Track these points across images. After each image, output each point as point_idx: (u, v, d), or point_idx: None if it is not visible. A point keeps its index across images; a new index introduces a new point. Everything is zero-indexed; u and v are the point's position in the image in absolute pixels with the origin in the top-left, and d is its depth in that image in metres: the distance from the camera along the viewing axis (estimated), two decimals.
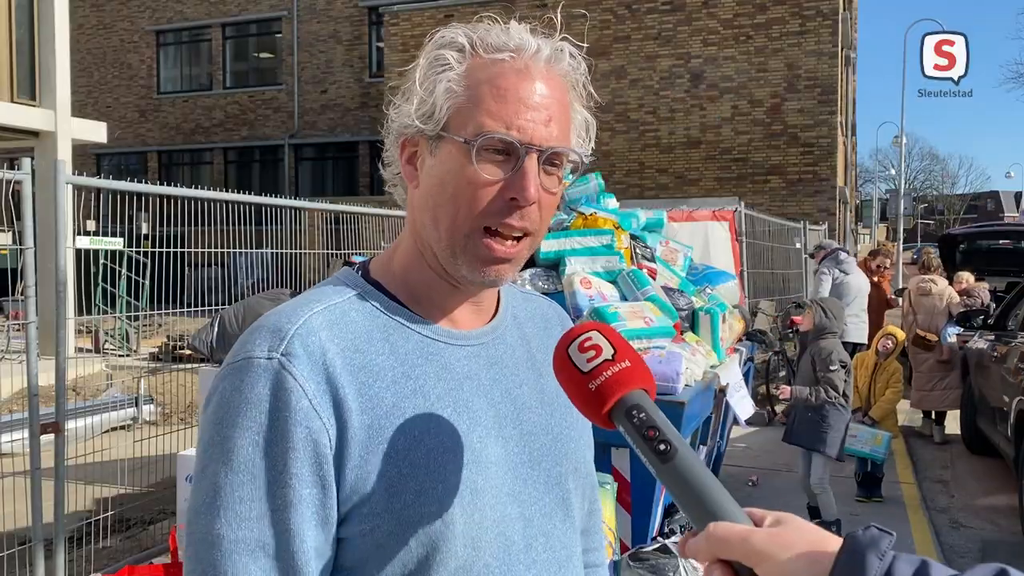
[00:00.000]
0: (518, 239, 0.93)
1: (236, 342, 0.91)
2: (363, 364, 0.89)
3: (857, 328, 7.96)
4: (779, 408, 8.25)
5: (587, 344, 0.83)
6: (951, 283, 8.59)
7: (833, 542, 0.68)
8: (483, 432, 0.94)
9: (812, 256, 9.57)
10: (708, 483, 0.75)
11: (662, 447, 0.76)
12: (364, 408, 0.87)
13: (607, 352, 0.82)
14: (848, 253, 8.68)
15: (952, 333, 7.79)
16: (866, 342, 7.97)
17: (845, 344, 6.32)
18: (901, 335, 6.44)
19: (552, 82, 0.92)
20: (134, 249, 7.47)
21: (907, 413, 8.55)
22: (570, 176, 0.95)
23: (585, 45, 1.00)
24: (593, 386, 0.81)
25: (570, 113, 0.95)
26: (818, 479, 5.09)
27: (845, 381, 5.09)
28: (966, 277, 8.89)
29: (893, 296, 9.87)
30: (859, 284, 8.19)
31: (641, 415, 0.78)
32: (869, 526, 0.67)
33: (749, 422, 6.30)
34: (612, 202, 5.04)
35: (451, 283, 0.97)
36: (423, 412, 0.90)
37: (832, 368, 5.00)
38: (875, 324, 8.46)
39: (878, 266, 9.32)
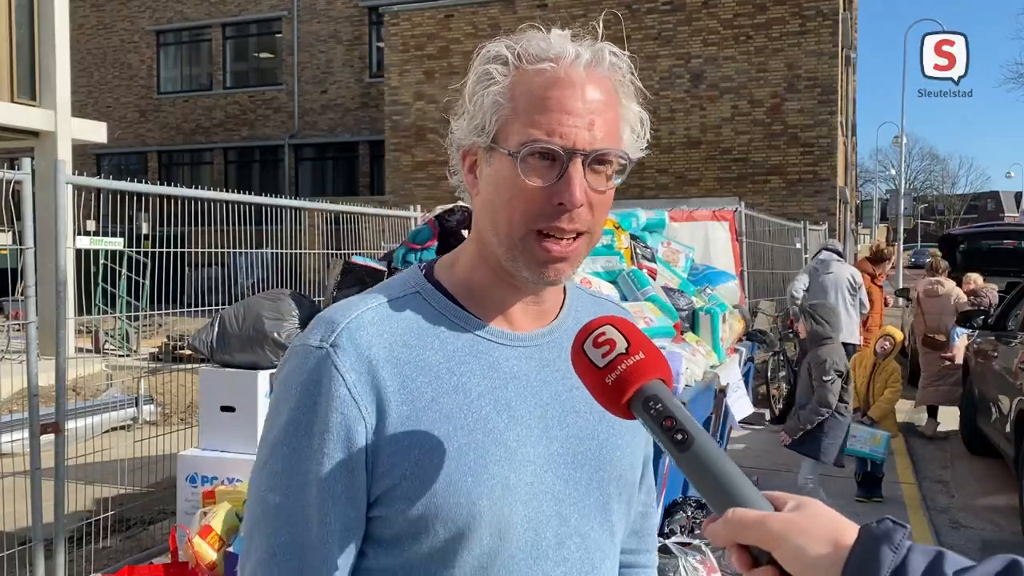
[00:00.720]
0: (573, 238, 0.96)
1: (306, 327, 1.00)
2: (409, 359, 0.95)
3: (847, 327, 7.73)
4: (779, 409, 8.26)
5: (601, 339, 0.85)
6: (959, 284, 8.69)
7: (850, 531, 0.69)
8: (523, 431, 0.98)
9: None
10: (727, 469, 0.76)
11: (679, 436, 0.78)
12: (404, 400, 0.93)
13: (621, 345, 0.84)
14: (836, 253, 8.50)
15: (961, 333, 7.88)
16: (855, 342, 7.95)
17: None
18: (899, 336, 6.44)
19: (594, 85, 0.96)
20: (134, 249, 7.47)
21: (907, 412, 8.56)
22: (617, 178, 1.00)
23: (626, 53, 1.04)
24: (610, 380, 0.82)
25: (619, 111, 0.99)
26: (804, 479, 5.14)
27: (844, 388, 5.09)
28: (974, 278, 9.00)
29: (891, 295, 9.95)
30: (836, 280, 8.01)
31: (658, 406, 0.80)
32: (884, 518, 0.68)
33: (749, 422, 6.31)
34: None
35: (512, 284, 1.01)
36: (461, 407, 0.95)
37: (826, 379, 5.00)
38: (875, 324, 8.51)
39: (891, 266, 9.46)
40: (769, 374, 8.47)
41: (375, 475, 0.93)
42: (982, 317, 7.41)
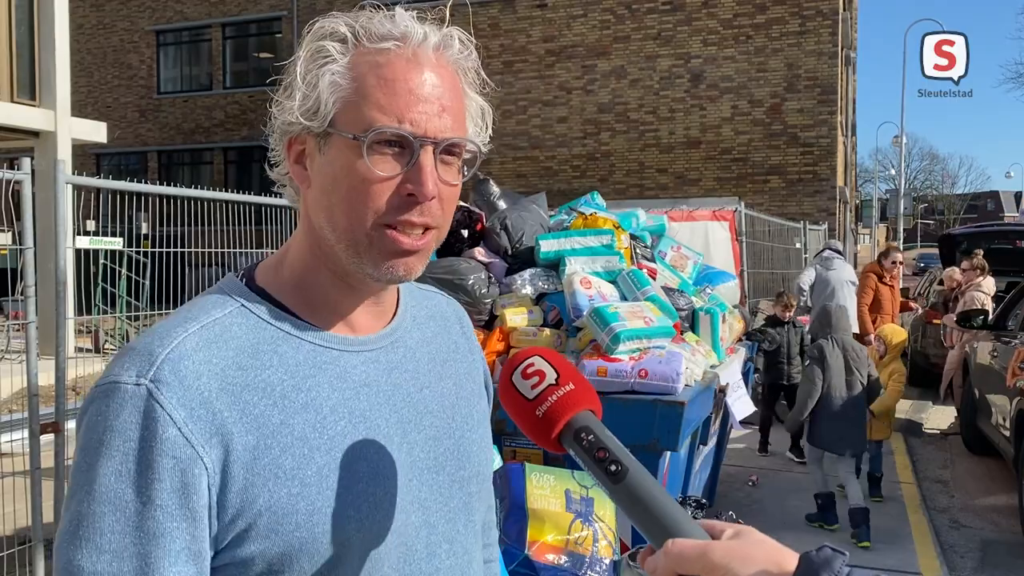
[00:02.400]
0: (422, 232, 0.89)
1: (111, 360, 0.87)
2: (247, 382, 0.84)
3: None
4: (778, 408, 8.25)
5: (530, 370, 0.82)
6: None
7: (791, 559, 0.69)
8: (382, 441, 0.91)
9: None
10: (661, 500, 0.74)
11: (613, 467, 0.76)
12: (248, 429, 0.82)
13: (551, 377, 0.81)
14: (838, 252, 8.97)
15: None
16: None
17: (776, 322, 6.84)
18: (896, 337, 6.32)
19: (443, 70, 0.88)
20: (134, 249, 7.47)
21: (907, 412, 8.56)
22: (465, 170, 0.92)
23: (473, 41, 0.94)
24: (540, 412, 0.80)
25: (464, 101, 0.91)
26: (844, 475, 5.20)
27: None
28: (955, 273, 9.27)
29: (915, 301, 10.17)
30: (836, 279, 8.51)
31: (590, 437, 0.78)
32: (823, 546, 0.68)
33: (749, 422, 6.30)
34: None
35: (350, 284, 0.93)
36: (315, 427, 0.86)
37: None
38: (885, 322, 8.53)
39: (892, 262, 9.12)
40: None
41: (224, 519, 0.81)
42: (982, 317, 7.41)
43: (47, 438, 3.89)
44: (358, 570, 0.87)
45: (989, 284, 8.51)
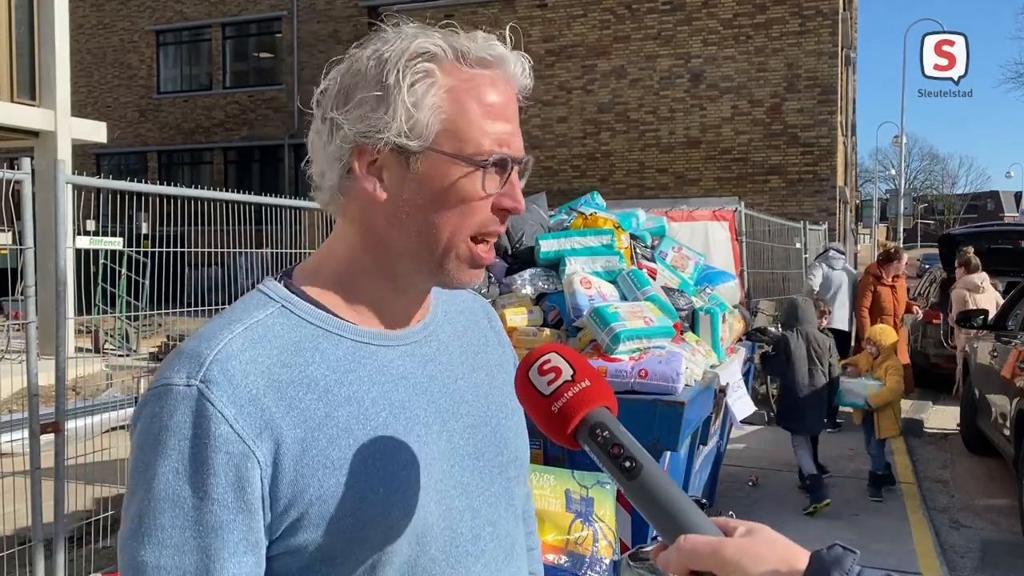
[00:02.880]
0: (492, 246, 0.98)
1: (161, 365, 0.90)
2: (292, 378, 0.88)
3: (839, 316, 8.69)
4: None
5: (546, 367, 0.84)
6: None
7: (802, 557, 0.69)
8: (423, 430, 0.95)
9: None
10: (676, 496, 0.76)
11: (628, 464, 0.77)
12: (296, 423, 0.86)
13: (567, 373, 0.83)
14: (841, 252, 9.37)
15: None
16: (845, 328, 8.78)
17: (831, 330, 6.89)
18: (887, 337, 6.26)
19: (514, 93, 0.97)
20: (134, 249, 7.47)
21: (907, 411, 8.56)
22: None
23: (529, 61, 1.01)
24: (556, 408, 0.82)
25: None
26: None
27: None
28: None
29: (917, 304, 10.20)
30: (840, 278, 8.96)
31: (605, 433, 0.79)
32: (834, 545, 0.69)
33: (749, 422, 6.31)
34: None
35: (401, 288, 0.99)
36: (358, 418, 0.91)
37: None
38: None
39: (894, 273, 8.94)
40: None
41: (276, 510, 0.85)
42: (982, 317, 7.41)
43: (47, 438, 3.89)
44: (407, 554, 0.91)
45: (973, 280, 8.51)
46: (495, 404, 1.07)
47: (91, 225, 8.46)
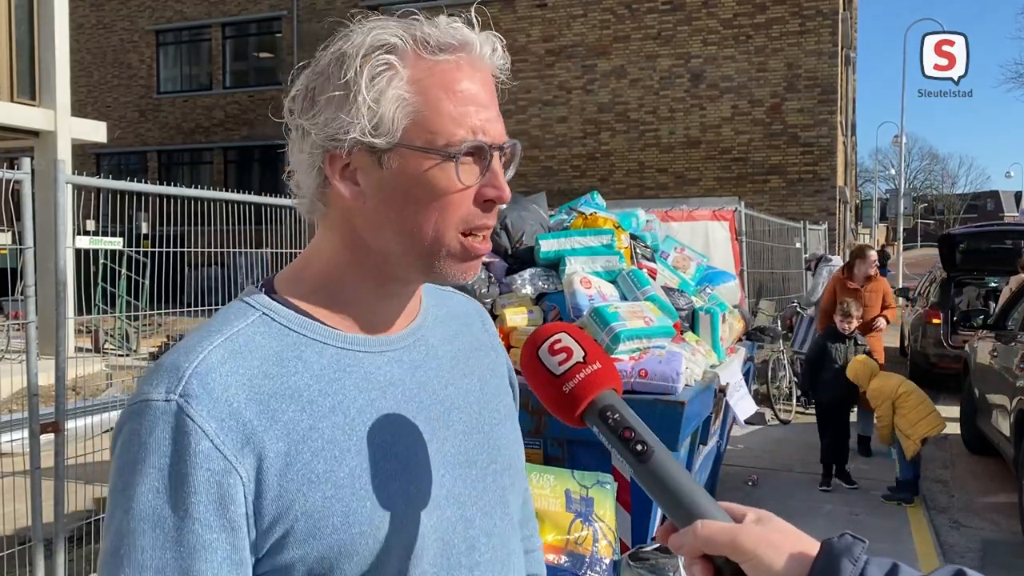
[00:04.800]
0: (484, 237, 0.93)
1: (140, 379, 0.88)
2: (274, 389, 0.85)
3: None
4: (778, 408, 8.26)
5: (557, 346, 0.83)
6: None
7: (813, 545, 0.72)
8: (411, 439, 0.91)
9: (808, 268, 10.23)
10: (686, 480, 0.76)
11: (639, 447, 0.77)
12: (279, 436, 0.83)
13: (578, 354, 0.82)
14: (838, 255, 9.18)
15: None
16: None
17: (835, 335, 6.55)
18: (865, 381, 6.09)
19: (488, 75, 0.92)
20: (134, 249, 7.47)
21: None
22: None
23: (503, 40, 0.96)
24: (567, 388, 0.81)
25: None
26: None
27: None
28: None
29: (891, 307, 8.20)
30: None
31: (615, 416, 0.79)
32: (844, 534, 0.71)
33: (749, 422, 6.31)
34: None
35: (390, 292, 0.95)
36: (344, 429, 0.87)
37: None
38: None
39: (865, 275, 7.59)
40: (769, 374, 8.47)
41: (261, 526, 0.82)
42: (982, 317, 7.40)
43: (47, 438, 3.89)
44: (398, 568, 0.88)
45: None
46: (488, 410, 1.03)
47: (91, 225, 8.47)
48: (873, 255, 7.73)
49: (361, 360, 0.92)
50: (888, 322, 7.54)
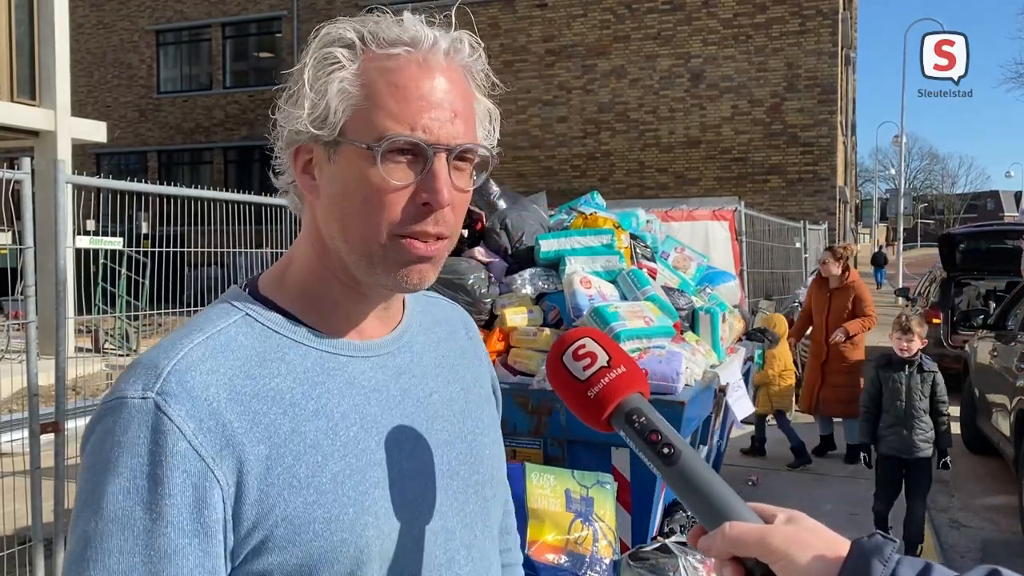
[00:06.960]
0: (436, 239, 0.88)
1: (117, 378, 0.85)
2: (256, 391, 0.82)
3: None
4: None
5: (581, 352, 0.83)
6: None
7: (843, 545, 0.71)
8: (394, 446, 0.89)
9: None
10: (714, 482, 0.76)
11: (666, 450, 0.77)
12: (260, 439, 0.80)
13: (602, 359, 0.82)
14: None
15: None
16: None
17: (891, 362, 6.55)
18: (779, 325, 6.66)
19: (453, 75, 0.87)
20: (134, 249, 7.47)
21: None
22: (476, 175, 0.91)
23: (481, 44, 0.92)
24: (592, 393, 0.81)
25: (474, 105, 0.90)
26: None
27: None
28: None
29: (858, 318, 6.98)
30: None
31: (642, 419, 0.79)
32: (874, 533, 0.70)
33: (749, 422, 6.31)
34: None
35: (360, 292, 0.91)
36: (326, 433, 0.85)
37: None
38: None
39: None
40: None
41: (240, 532, 0.79)
42: (982, 317, 7.40)
43: (47, 438, 3.89)
44: None
45: None
46: (471, 420, 1.01)
47: (91, 225, 8.46)
48: (830, 255, 6.86)
49: (345, 364, 0.90)
50: (848, 336, 6.61)
